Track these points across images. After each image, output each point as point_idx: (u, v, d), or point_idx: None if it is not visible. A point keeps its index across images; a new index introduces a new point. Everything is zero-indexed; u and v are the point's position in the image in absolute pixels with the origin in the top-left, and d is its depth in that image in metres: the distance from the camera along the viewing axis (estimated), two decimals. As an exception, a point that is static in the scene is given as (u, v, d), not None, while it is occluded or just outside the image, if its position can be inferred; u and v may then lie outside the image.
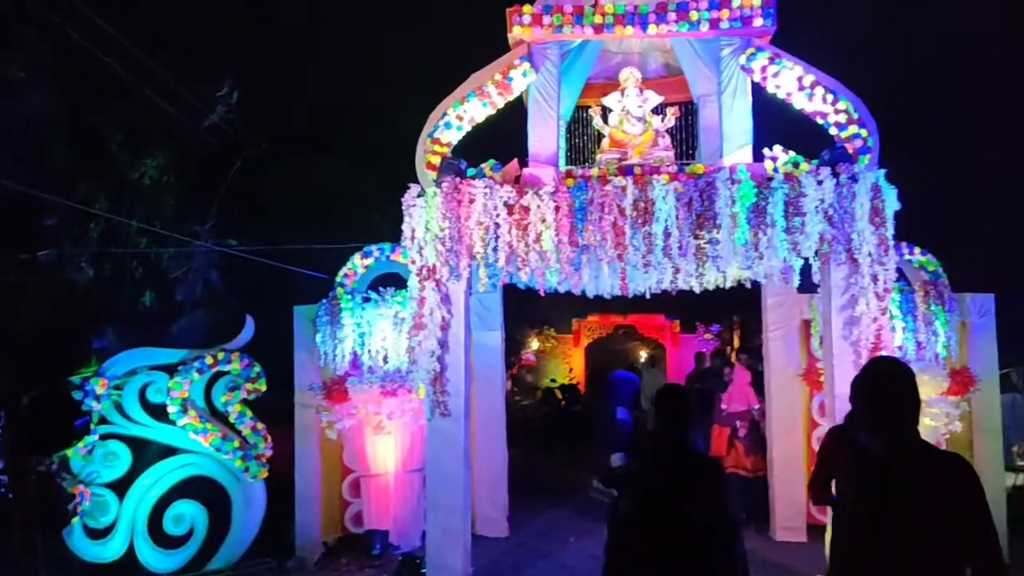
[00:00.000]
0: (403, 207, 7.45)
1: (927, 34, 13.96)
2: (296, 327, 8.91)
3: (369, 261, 8.88)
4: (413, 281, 7.44)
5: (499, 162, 7.76)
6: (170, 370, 8.44)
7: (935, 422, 8.15)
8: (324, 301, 8.74)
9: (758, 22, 7.64)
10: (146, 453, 8.45)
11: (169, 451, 8.49)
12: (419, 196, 7.46)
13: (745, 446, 9.56)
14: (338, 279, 8.88)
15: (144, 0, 12.12)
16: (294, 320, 8.93)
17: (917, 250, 8.66)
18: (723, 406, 9.81)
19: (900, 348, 8.25)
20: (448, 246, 7.21)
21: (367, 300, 8.74)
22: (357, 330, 8.65)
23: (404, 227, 7.43)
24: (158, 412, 8.40)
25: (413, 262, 7.44)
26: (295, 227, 12.15)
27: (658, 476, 4.06)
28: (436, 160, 7.62)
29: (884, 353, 6.84)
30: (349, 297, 8.68)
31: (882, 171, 7.11)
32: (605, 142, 8.50)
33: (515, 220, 7.22)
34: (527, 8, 7.84)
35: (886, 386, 3.34)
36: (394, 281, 9.00)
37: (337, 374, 8.66)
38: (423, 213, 7.36)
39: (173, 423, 8.35)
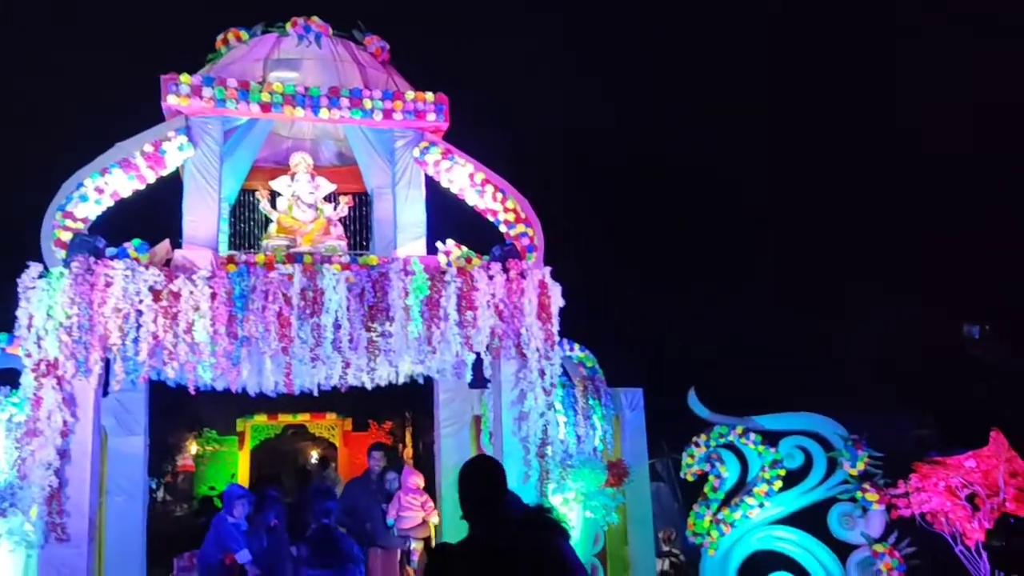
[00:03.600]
0: (19, 289, 6.25)
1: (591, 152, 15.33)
2: None
3: (-23, 355, 7.33)
4: (28, 378, 6.20)
5: (148, 243, 6.88)
6: None
7: (595, 515, 8.36)
8: (-90, 405, 7.02)
9: (431, 117, 7.69)
10: None
11: None
12: (41, 277, 6.31)
13: (418, 574, 8.64)
14: (-67, 377, 7.21)
15: None
16: None
17: (576, 346, 9.02)
18: (390, 519, 8.48)
19: (563, 442, 8.43)
20: (75, 336, 6.14)
21: (-30, 402, 7.16)
22: (-45, 440, 7.01)
23: (20, 313, 6.23)
24: None
25: (29, 355, 6.22)
26: None
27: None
28: (67, 236, 6.57)
29: (482, 453, 6.93)
30: (-54, 399, 7.05)
31: (548, 268, 7.32)
32: (272, 228, 7.99)
33: (162, 307, 6.36)
34: (185, 77, 7.19)
35: (472, 479, 3.69)
36: (12, 378, 7.51)
37: (-78, 495, 6.90)
38: (45, 297, 6.21)
39: None
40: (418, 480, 8.64)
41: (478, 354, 7.40)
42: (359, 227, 8.44)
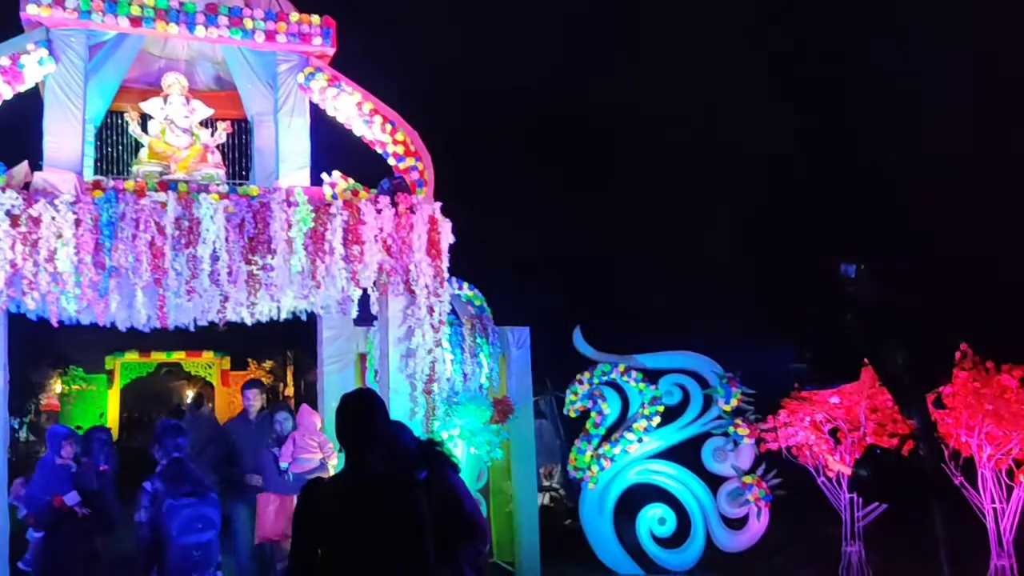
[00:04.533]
0: None
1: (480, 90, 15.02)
2: None
3: None
4: None
5: (4, 164, 6.35)
6: None
7: (479, 451, 8.44)
8: None
9: (316, 41, 7.35)
10: None
11: None
12: None
13: None
14: None
15: None
16: None
17: (465, 285, 8.99)
18: (284, 463, 7.56)
19: (449, 379, 8.42)
20: (-78, 263, 5.62)
21: None
22: None
23: None
24: None
25: None
26: None
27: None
28: (-88, 155, 5.99)
29: (360, 387, 6.74)
30: None
31: (438, 204, 7.19)
32: (144, 153, 7.52)
33: (21, 234, 5.91)
34: (46, -16, 6.59)
35: (349, 417, 3.55)
36: None
37: None
38: None
39: None
40: (316, 420, 7.88)
41: (364, 290, 7.23)
42: (238, 156, 8.05)
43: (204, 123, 7.76)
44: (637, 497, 9.16)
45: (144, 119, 7.64)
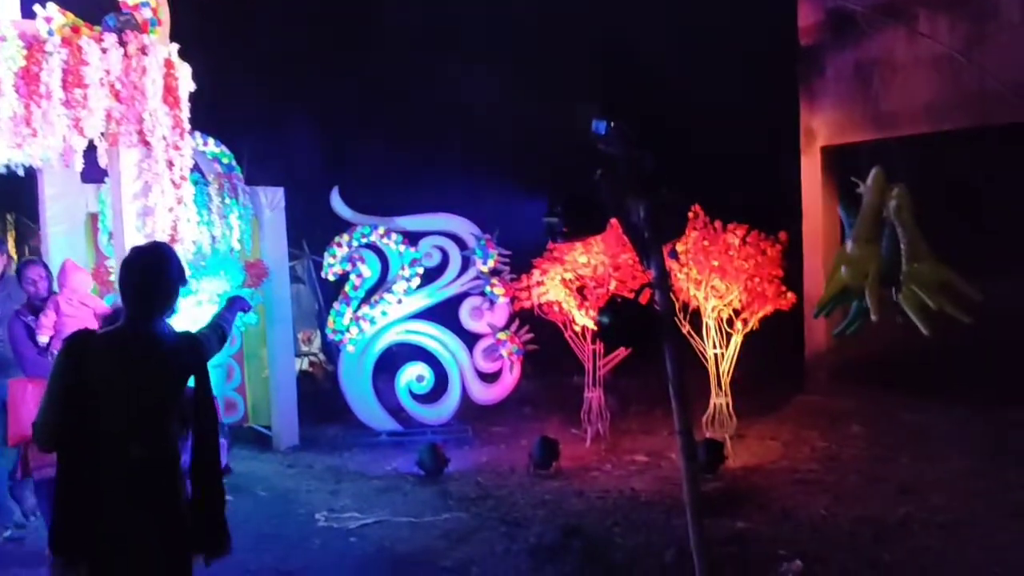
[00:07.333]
0: None
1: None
2: None
3: None
4: None
5: None
6: None
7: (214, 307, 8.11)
8: None
9: None
10: None
11: None
12: None
13: None
14: None
15: None
16: None
17: (211, 141, 8.40)
18: (46, 338, 5.64)
19: (195, 242, 7.94)
20: None
21: None
22: None
23: None
24: None
25: None
26: None
27: None
28: None
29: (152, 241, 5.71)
30: None
31: (176, 46, 6.49)
32: None
33: None
34: None
35: (138, 272, 3.38)
36: None
37: None
38: None
39: None
40: (86, 278, 6.13)
41: (91, 142, 6.48)
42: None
43: None
44: (396, 357, 9.30)
45: None
